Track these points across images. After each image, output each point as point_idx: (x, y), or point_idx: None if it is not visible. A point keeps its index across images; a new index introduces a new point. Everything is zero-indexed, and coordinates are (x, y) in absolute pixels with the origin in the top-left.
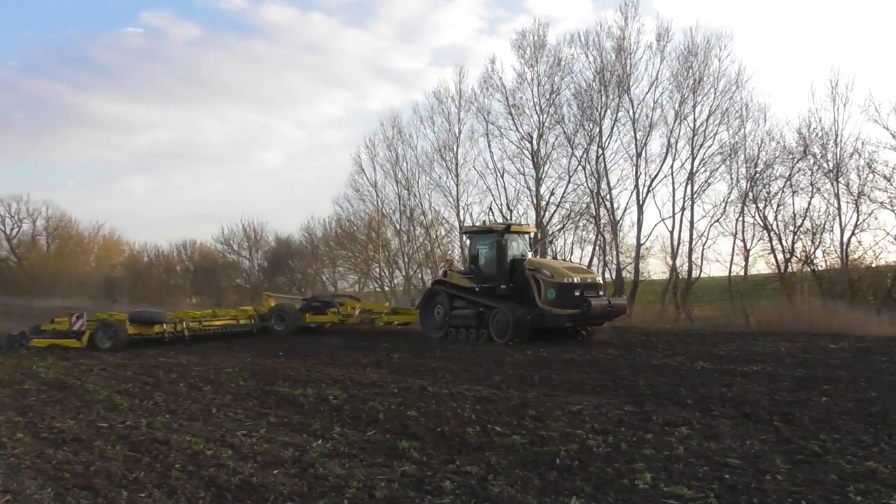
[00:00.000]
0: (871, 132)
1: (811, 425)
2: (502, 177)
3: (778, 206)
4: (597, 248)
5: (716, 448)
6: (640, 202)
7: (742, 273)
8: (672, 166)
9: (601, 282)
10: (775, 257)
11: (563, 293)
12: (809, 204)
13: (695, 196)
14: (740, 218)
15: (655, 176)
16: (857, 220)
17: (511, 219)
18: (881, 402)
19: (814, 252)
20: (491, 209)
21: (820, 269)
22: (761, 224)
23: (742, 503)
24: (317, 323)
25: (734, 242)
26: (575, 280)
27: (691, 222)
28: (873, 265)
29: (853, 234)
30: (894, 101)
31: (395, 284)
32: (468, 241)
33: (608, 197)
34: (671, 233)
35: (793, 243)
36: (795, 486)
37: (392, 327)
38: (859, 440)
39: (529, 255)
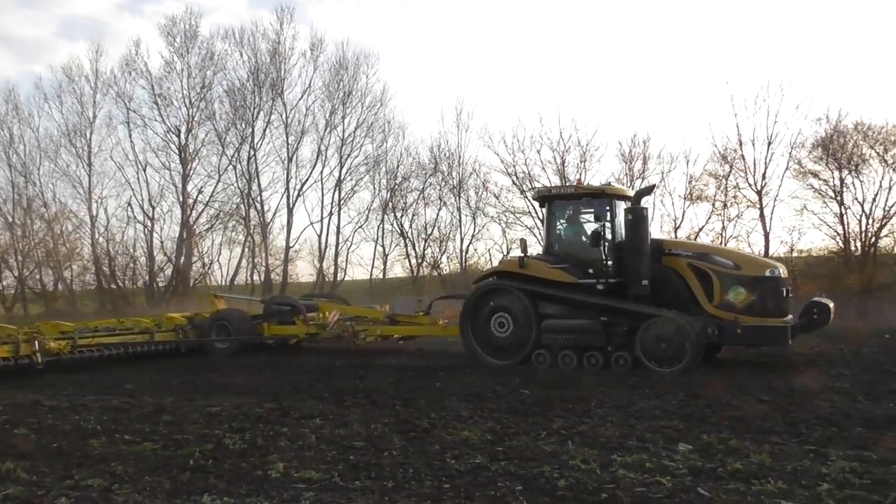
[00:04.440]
0: (485, 156)
1: (425, 406)
2: (145, 170)
3: (413, 215)
4: (246, 249)
5: (345, 434)
6: (291, 205)
7: (381, 276)
8: (322, 172)
9: None
10: (409, 262)
11: (761, 293)
12: (438, 215)
13: (342, 202)
14: (381, 225)
15: (306, 181)
16: (474, 230)
17: (154, 215)
18: (480, 384)
19: (440, 257)
20: (130, 204)
21: (445, 272)
22: (399, 231)
23: (362, 478)
24: (277, 337)
25: (375, 248)
26: (778, 273)
27: (338, 227)
28: (485, 269)
29: (471, 242)
30: (503, 132)
31: (4, 287)
32: (551, 211)
33: (259, 199)
34: (319, 237)
35: (424, 249)
36: (406, 457)
37: (387, 343)
38: (460, 415)
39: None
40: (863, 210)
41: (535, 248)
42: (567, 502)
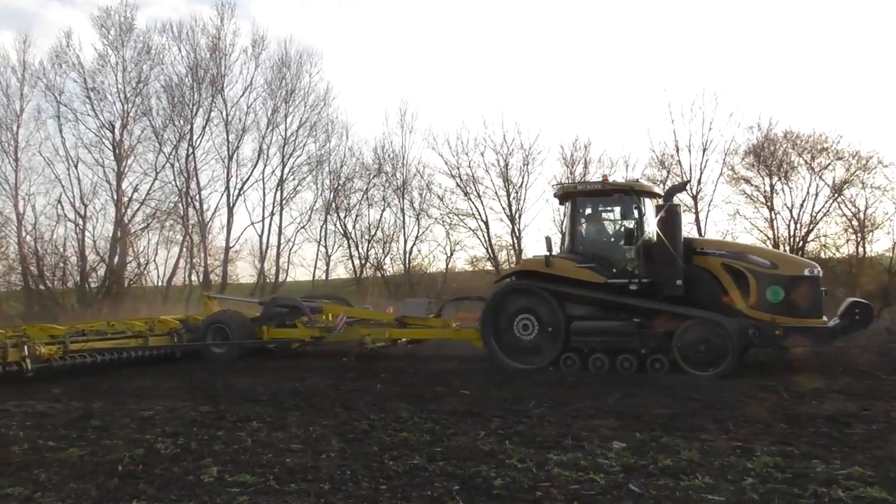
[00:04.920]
0: (429, 158)
1: (365, 408)
2: (76, 166)
3: (356, 216)
4: (184, 249)
5: (282, 437)
6: (231, 205)
7: (324, 277)
8: (263, 172)
9: None
10: (353, 263)
11: (799, 293)
12: (382, 216)
13: (284, 202)
14: (324, 226)
15: (247, 180)
16: (418, 232)
17: (86, 213)
18: (420, 386)
19: (384, 258)
20: (60, 202)
21: (388, 273)
22: (342, 232)
23: (298, 480)
24: (280, 341)
25: (318, 248)
26: (817, 272)
27: (280, 227)
28: (429, 271)
29: (415, 244)
30: (447, 134)
31: None
32: (575, 208)
33: (197, 198)
34: (260, 237)
35: (367, 251)
36: (344, 460)
37: (397, 348)
38: (400, 417)
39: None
40: (791, 215)
41: (478, 250)
42: (502, 501)
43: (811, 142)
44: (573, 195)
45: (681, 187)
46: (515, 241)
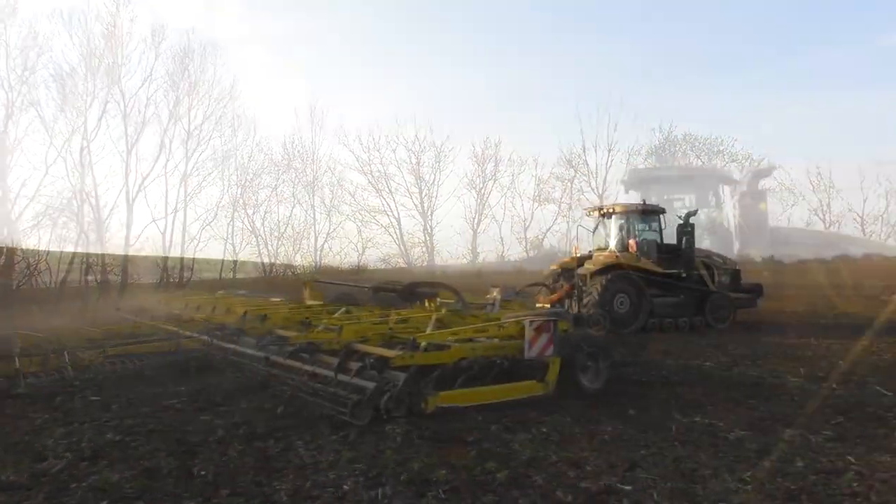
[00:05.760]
0: (341, 154)
1: (273, 409)
2: None
3: (265, 213)
4: (79, 248)
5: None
6: (130, 201)
7: (231, 275)
8: (166, 167)
9: None
10: (262, 260)
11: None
12: (292, 213)
13: (188, 198)
14: (231, 223)
15: (148, 175)
16: (329, 228)
17: None
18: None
19: (294, 256)
20: None
21: (299, 271)
22: (250, 229)
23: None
24: None
25: (225, 246)
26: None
27: (184, 224)
28: (340, 268)
29: (325, 241)
30: (358, 130)
31: None
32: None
33: (94, 193)
34: (163, 234)
35: (277, 248)
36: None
37: None
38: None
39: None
40: None
41: (391, 247)
42: (406, 499)
43: (708, 144)
44: (647, 182)
45: (766, 172)
46: (427, 238)
